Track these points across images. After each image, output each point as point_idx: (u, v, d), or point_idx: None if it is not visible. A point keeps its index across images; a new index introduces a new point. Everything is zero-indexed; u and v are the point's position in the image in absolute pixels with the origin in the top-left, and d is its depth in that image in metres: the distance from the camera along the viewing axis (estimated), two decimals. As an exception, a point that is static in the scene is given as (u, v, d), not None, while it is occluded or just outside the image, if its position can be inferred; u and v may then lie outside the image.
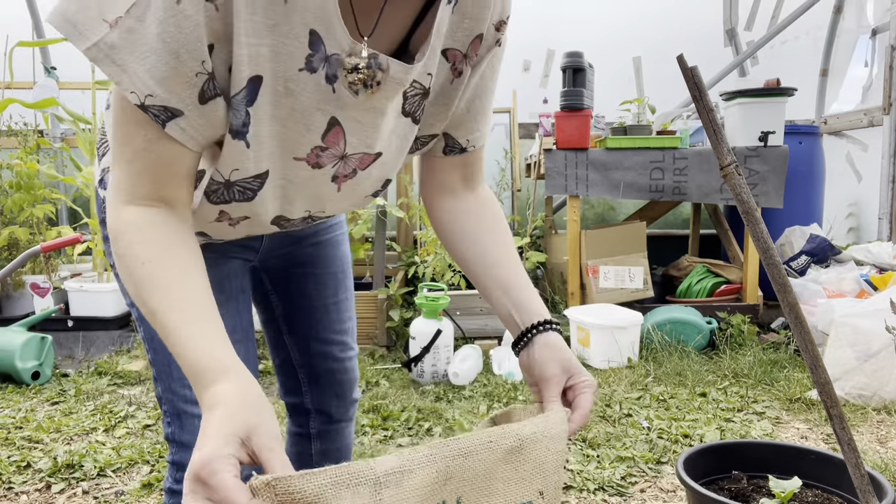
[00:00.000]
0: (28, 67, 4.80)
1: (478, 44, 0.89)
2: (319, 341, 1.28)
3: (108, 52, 0.69)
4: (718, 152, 0.98)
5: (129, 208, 0.76)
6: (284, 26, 0.73)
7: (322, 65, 0.77)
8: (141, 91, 0.70)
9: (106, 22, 0.68)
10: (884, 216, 4.30)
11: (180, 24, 0.68)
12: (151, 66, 0.69)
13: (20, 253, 3.84)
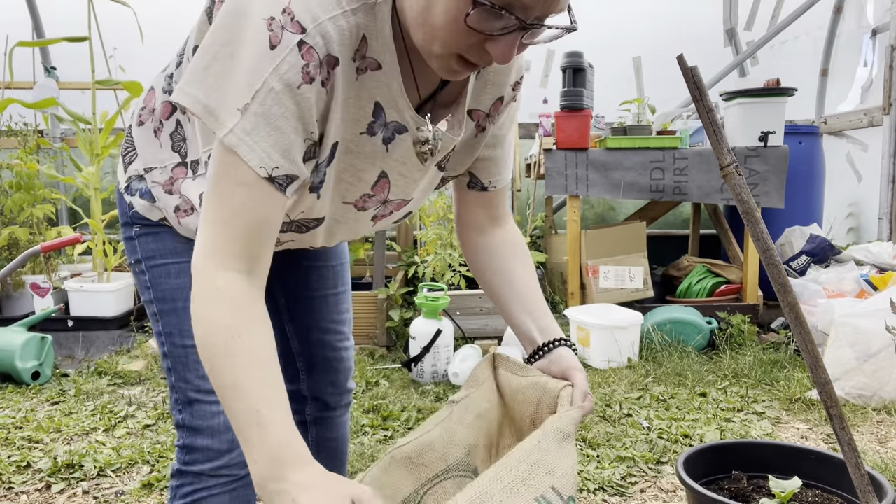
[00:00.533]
0: (28, 67, 4.80)
1: (499, 104, 1.05)
2: (319, 330, 1.36)
3: (243, 137, 0.80)
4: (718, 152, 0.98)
5: (223, 274, 0.82)
6: (354, 99, 0.88)
7: (381, 130, 0.93)
8: (268, 165, 0.81)
9: (238, 110, 0.80)
10: (884, 216, 4.30)
11: (300, 103, 0.81)
12: (276, 141, 0.81)
13: (20, 253, 3.84)
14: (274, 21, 0.79)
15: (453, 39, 0.80)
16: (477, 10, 0.76)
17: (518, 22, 0.77)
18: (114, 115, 3.73)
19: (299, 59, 0.79)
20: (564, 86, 3.55)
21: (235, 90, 0.80)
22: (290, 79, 0.79)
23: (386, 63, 0.88)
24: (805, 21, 5.01)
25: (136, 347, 3.49)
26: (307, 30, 0.79)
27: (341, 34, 0.82)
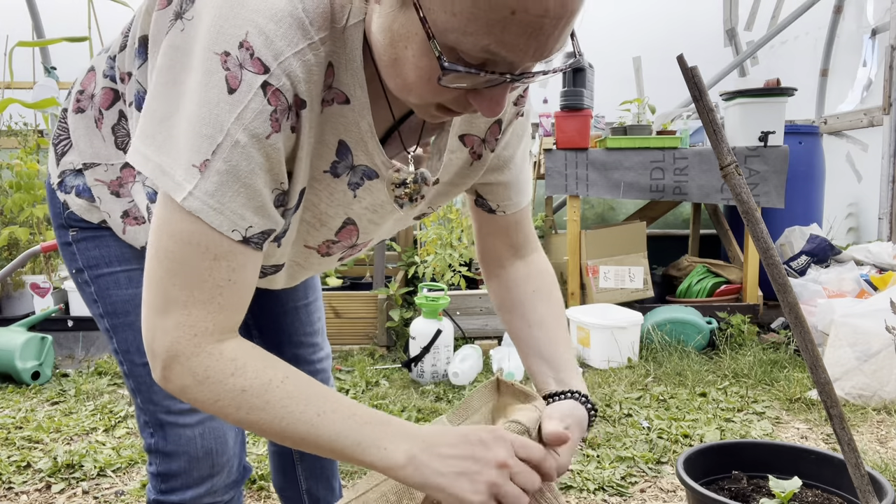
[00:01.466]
0: (28, 67, 4.80)
1: (496, 129, 0.91)
2: (292, 344, 1.27)
3: (207, 200, 0.68)
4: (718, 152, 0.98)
5: (226, 345, 0.74)
6: (319, 135, 0.77)
7: (346, 172, 0.81)
8: (241, 227, 0.71)
9: (195, 167, 0.68)
10: (884, 216, 4.30)
11: (269, 154, 0.70)
12: (246, 199, 0.70)
13: (20, 253, 3.84)
14: (229, 58, 0.66)
15: (429, 95, 0.69)
16: (449, 75, 0.64)
17: (503, 77, 0.66)
18: (114, 115, 3.73)
19: (266, 105, 0.67)
20: (564, 86, 3.55)
21: (187, 143, 0.68)
22: (256, 129, 0.67)
23: (355, 98, 0.75)
24: (805, 21, 5.01)
25: (136, 347, 3.49)
26: (271, 69, 0.66)
27: (308, 71, 0.69)
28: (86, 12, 3.77)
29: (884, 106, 4.30)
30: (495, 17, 0.59)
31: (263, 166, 0.70)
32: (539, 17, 0.60)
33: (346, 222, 0.87)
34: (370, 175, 0.82)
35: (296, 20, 0.67)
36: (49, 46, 4.87)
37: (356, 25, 0.71)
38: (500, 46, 0.61)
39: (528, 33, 0.61)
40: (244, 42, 0.66)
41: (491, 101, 0.68)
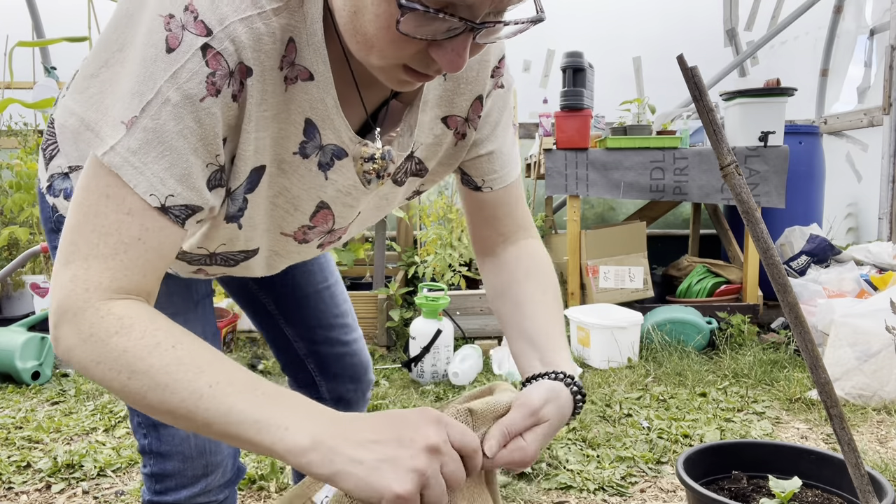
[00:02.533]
0: (28, 67, 4.80)
1: (479, 105, 0.88)
2: (322, 327, 1.25)
3: (128, 157, 0.66)
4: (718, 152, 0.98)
5: (116, 303, 0.67)
6: (283, 113, 0.74)
7: (315, 152, 0.78)
8: (161, 192, 0.67)
9: (123, 123, 0.66)
10: (884, 216, 4.30)
11: (201, 119, 0.67)
12: (170, 163, 0.67)
13: (20, 253, 3.84)
14: (173, 19, 0.65)
15: (390, 49, 0.66)
16: (407, 15, 0.61)
17: (464, 23, 0.63)
18: (114, 115, 3.73)
19: (203, 67, 0.65)
20: (564, 86, 3.55)
21: (121, 100, 0.66)
22: (190, 89, 0.65)
23: (318, 73, 0.73)
24: (805, 21, 5.01)
25: (136, 347, 3.49)
26: (213, 32, 0.66)
27: (257, 39, 0.68)
28: (86, 12, 3.77)
29: (884, 106, 4.30)
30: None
31: (195, 132, 0.67)
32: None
33: (319, 206, 0.84)
34: (339, 154, 0.80)
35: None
36: (49, 46, 4.87)
37: (315, 2, 0.70)
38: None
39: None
40: (189, 6, 0.65)
41: (452, 52, 0.65)
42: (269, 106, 0.72)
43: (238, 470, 1.12)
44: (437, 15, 0.61)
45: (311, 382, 1.30)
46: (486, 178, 0.95)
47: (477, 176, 0.94)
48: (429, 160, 0.89)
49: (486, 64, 0.86)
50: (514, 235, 0.99)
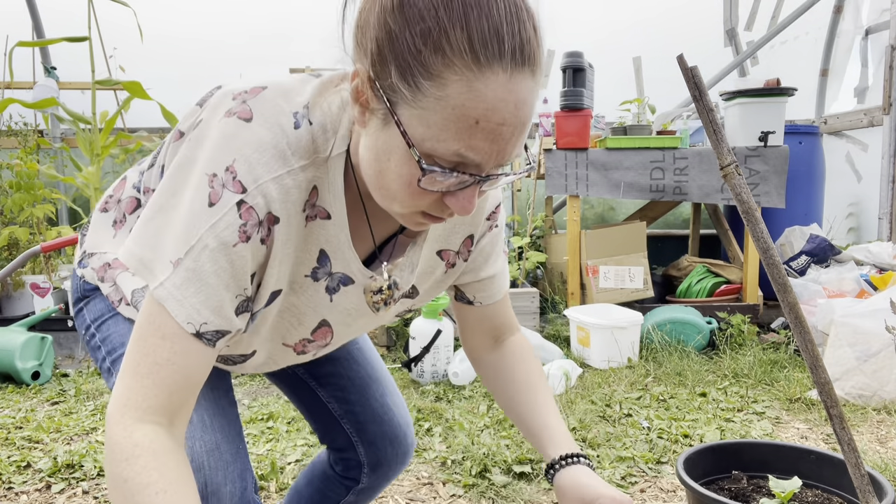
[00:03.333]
0: (28, 67, 4.80)
1: (469, 242, 1.03)
2: (356, 388, 1.27)
3: (172, 291, 0.78)
4: (718, 152, 0.98)
5: (141, 427, 0.77)
6: (301, 244, 0.87)
7: (325, 277, 0.91)
8: (196, 321, 0.79)
9: (171, 263, 0.79)
10: (884, 216, 4.30)
11: (233, 261, 0.79)
12: (206, 297, 0.79)
13: (20, 253, 3.84)
14: (216, 178, 0.78)
15: (411, 200, 0.78)
16: (428, 175, 0.74)
17: (473, 178, 0.75)
18: (114, 115, 3.73)
19: (237, 219, 0.78)
20: (564, 86, 3.55)
21: (171, 243, 0.79)
22: (225, 237, 0.78)
23: (335, 213, 0.86)
24: (805, 21, 5.01)
25: (136, 347, 3.49)
26: (248, 190, 0.78)
27: (286, 193, 0.81)
28: (86, 12, 3.77)
29: (884, 106, 4.30)
30: (463, 126, 0.71)
31: (228, 271, 0.79)
32: (499, 125, 0.71)
33: (321, 323, 0.96)
34: (346, 282, 0.93)
35: (278, 151, 0.80)
36: (49, 46, 4.87)
37: (339, 156, 0.84)
38: (469, 150, 0.72)
39: (491, 139, 0.72)
40: (230, 167, 0.78)
41: (464, 199, 0.78)
42: (291, 243, 0.85)
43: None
44: (452, 173, 0.74)
45: (348, 445, 1.29)
46: (478, 296, 1.09)
47: (469, 294, 1.09)
48: (421, 285, 1.02)
49: (482, 210, 1.01)
50: (502, 336, 1.14)
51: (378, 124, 0.76)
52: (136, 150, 3.94)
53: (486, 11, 0.69)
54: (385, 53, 0.72)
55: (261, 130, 0.80)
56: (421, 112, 0.71)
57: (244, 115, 0.81)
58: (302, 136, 0.81)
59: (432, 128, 0.71)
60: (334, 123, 0.84)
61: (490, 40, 0.69)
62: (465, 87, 0.69)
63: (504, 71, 0.70)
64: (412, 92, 0.71)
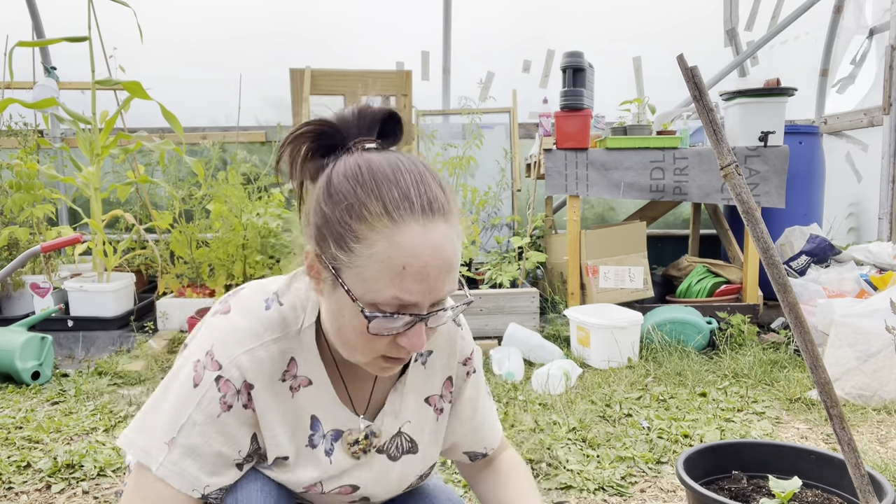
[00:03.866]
0: (28, 67, 4.80)
1: (448, 384, 1.13)
2: None
3: (172, 467, 0.91)
4: (718, 152, 0.98)
5: None
6: (292, 412, 0.99)
7: (321, 441, 1.02)
8: (198, 486, 0.92)
9: (166, 444, 0.91)
10: (884, 216, 4.30)
11: (222, 430, 0.93)
12: (202, 465, 0.92)
13: (20, 253, 3.84)
14: (199, 363, 0.93)
15: (369, 347, 0.89)
16: (374, 321, 0.85)
17: (414, 317, 0.86)
18: (114, 114, 3.73)
19: (217, 392, 0.92)
20: (564, 86, 3.55)
21: (163, 426, 0.92)
22: (210, 411, 0.92)
23: (315, 378, 0.99)
24: (805, 21, 5.01)
25: (136, 347, 3.49)
26: (223, 366, 0.92)
27: (259, 363, 0.94)
28: (86, 12, 3.77)
29: (884, 106, 4.30)
30: (393, 273, 0.83)
31: (218, 439, 0.93)
32: (422, 268, 0.83)
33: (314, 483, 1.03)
34: (337, 437, 1.03)
35: (250, 330, 0.95)
36: (49, 46, 4.87)
37: (310, 327, 0.98)
38: (403, 293, 0.83)
39: (419, 280, 0.83)
40: (209, 351, 0.94)
41: (413, 337, 0.88)
42: (279, 409, 0.97)
43: None
44: (394, 316, 0.85)
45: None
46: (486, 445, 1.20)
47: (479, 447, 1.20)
48: (418, 438, 1.11)
49: (454, 355, 1.12)
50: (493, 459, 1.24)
51: (329, 290, 0.89)
52: (136, 150, 3.94)
53: (394, 183, 0.84)
54: (324, 232, 0.86)
55: (236, 317, 0.96)
56: (358, 270, 0.84)
57: (224, 311, 0.98)
58: (272, 315, 0.96)
59: (368, 280, 0.84)
60: (303, 301, 0.98)
61: (401, 202, 0.83)
62: (387, 243, 0.82)
63: (417, 223, 0.83)
64: (348, 256, 0.84)
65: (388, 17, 5.08)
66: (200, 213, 4.17)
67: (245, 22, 5.05)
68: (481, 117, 4.42)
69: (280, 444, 0.99)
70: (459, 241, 0.89)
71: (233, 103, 4.92)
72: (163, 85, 4.04)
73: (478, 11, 5.07)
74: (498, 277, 3.74)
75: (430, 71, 5.14)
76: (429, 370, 1.11)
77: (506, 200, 4.79)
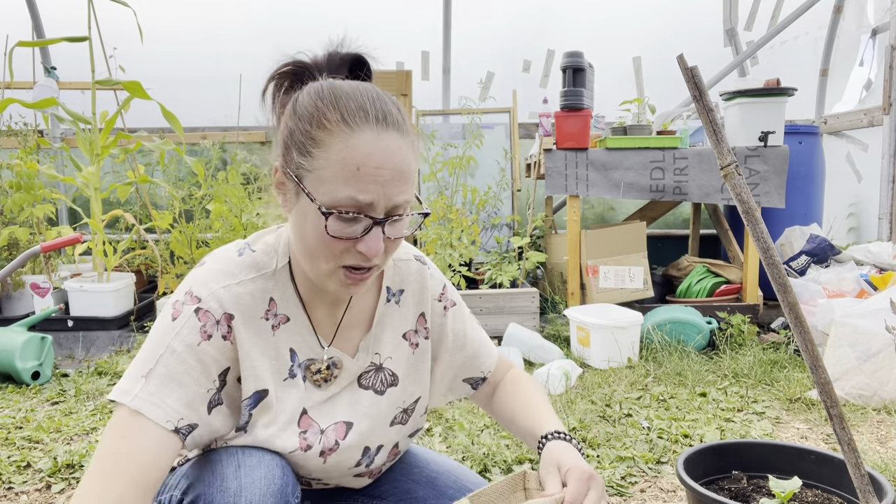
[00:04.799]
0: (28, 67, 4.80)
1: (423, 320, 1.18)
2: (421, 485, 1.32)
3: (148, 398, 0.90)
4: (718, 152, 0.98)
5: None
6: (273, 350, 1.01)
7: (299, 371, 1.05)
8: (173, 417, 0.91)
9: (143, 377, 0.92)
10: (884, 216, 4.30)
11: (201, 359, 0.94)
12: (181, 394, 0.92)
13: (20, 253, 3.84)
14: (177, 302, 0.96)
15: (328, 251, 0.92)
16: (331, 220, 0.89)
17: (372, 220, 0.91)
18: (114, 115, 3.73)
19: (196, 322, 0.94)
20: (564, 86, 3.55)
21: (141, 362, 0.93)
22: (189, 339, 0.93)
23: (292, 314, 1.04)
24: (805, 21, 5.01)
25: (136, 347, 3.49)
26: (202, 298, 0.96)
27: (236, 297, 0.98)
28: (86, 12, 3.77)
29: (884, 106, 4.30)
30: (349, 173, 0.88)
31: (197, 369, 0.94)
32: (376, 169, 0.89)
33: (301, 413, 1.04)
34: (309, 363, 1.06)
35: (226, 270, 1.00)
36: (49, 46, 4.87)
37: (283, 268, 1.03)
38: (359, 193, 0.88)
39: (373, 180, 0.89)
40: (188, 290, 0.97)
41: (371, 242, 0.92)
42: (260, 342, 1.00)
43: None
44: (352, 216, 0.89)
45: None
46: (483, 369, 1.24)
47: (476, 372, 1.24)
48: (398, 370, 1.14)
49: (426, 291, 1.17)
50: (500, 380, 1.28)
51: (293, 200, 0.94)
52: (136, 150, 3.94)
53: (352, 96, 0.91)
54: (288, 144, 0.93)
55: (211, 265, 1.01)
56: (317, 173, 0.90)
57: (200, 265, 1.02)
58: (245, 260, 1.02)
59: (326, 182, 0.89)
60: (274, 245, 1.04)
61: (357, 111, 0.90)
62: (343, 145, 0.88)
63: (371, 130, 0.89)
64: (308, 160, 0.90)
65: (389, 17, 5.08)
66: (200, 213, 4.17)
67: (245, 22, 5.06)
68: (481, 117, 4.42)
69: (259, 375, 1.00)
70: (414, 156, 0.94)
71: (233, 103, 4.92)
72: (163, 85, 4.04)
73: (478, 11, 5.07)
74: (498, 277, 3.74)
75: (430, 71, 5.14)
76: (402, 308, 1.16)
77: (506, 200, 4.79)
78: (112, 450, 0.88)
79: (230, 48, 5.00)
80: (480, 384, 1.25)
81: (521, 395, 1.21)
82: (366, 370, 1.12)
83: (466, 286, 3.75)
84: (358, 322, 1.12)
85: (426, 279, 1.18)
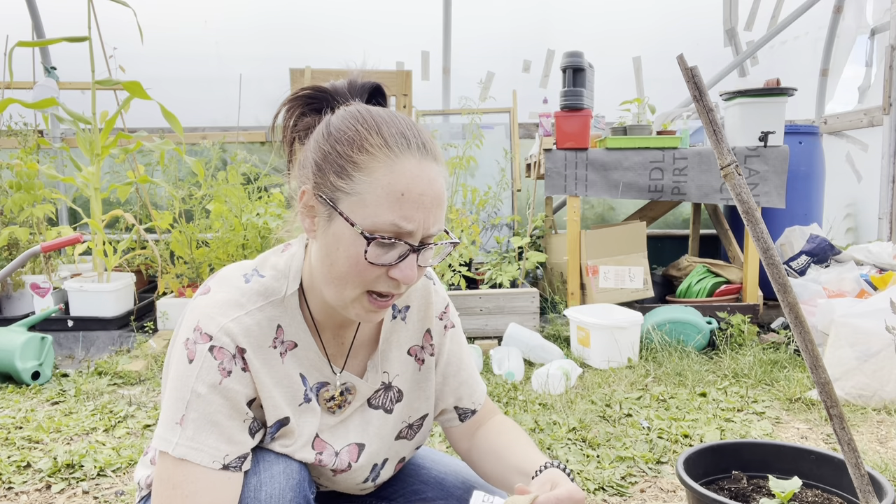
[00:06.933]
0: (28, 67, 4.80)
1: (428, 336, 1.18)
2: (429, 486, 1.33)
3: (189, 444, 0.92)
4: (718, 152, 0.98)
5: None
6: (285, 378, 1.01)
7: (312, 394, 1.05)
8: (218, 457, 0.93)
9: (177, 424, 0.93)
10: (884, 216, 4.30)
11: (226, 395, 0.94)
12: (218, 434, 0.93)
13: (20, 253, 3.84)
14: (188, 340, 0.95)
15: (361, 278, 0.92)
16: (372, 245, 0.89)
17: (409, 246, 0.91)
18: (114, 115, 3.73)
19: (213, 361, 0.93)
20: (564, 86, 3.55)
21: (171, 409, 0.94)
22: (211, 380, 0.93)
23: (301, 340, 1.03)
24: (805, 21, 5.01)
25: (136, 347, 3.49)
26: (213, 335, 0.94)
27: (246, 329, 0.96)
28: (86, 12, 3.77)
29: (884, 106, 4.30)
30: (393, 199, 0.88)
31: (226, 405, 0.94)
32: (420, 195, 0.89)
33: (315, 437, 1.05)
34: (321, 389, 1.06)
35: (233, 301, 0.98)
36: (49, 46, 4.87)
37: (293, 294, 1.01)
38: (402, 219, 0.88)
39: (416, 207, 0.89)
40: (196, 326, 0.95)
41: (406, 269, 0.92)
42: (272, 372, 0.99)
43: None
44: (391, 241, 0.89)
45: None
46: (474, 400, 1.23)
47: (468, 403, 1.22)
48: (403, 386, 1.15)
49: (431, 307, 1.17)
50: (482, 425, 1.26)
51: (324, 224, 0.93)
52: (136, 150, 3.94)
53: (392, 123, 0.91)
54: (322, 167, 0.92)
55: (217, 294, 0.99)
56: (359, 197, 0.89)
57: (205, 292, 1.00)
58: (253, 286, 1.00)
59: (369, 206, 0.88)
60: (284, 270, 1.02)
61: (399, 138, 0.90)
62: (388, 170, 0.88)
63: (413, 157, 0.90)
64: (348, 183, 0.89)
65: (388, 17, 5.08)
66: (200, 213, 4.17)
67: (245, 22, 5.06)
68: (481, 117, 4.42)
69: (278, 405, 1.00)
70: (447, 185, 0.96)
71: (233, 103, 4.92)
72: (163, 85, 4.04)
73: (478, 11, 5.07)
74: (498, 277, 3.74)
75: (430, 71, 5.14)
76: (409, 324, 1.16)
77: (506, 200, 4.79)
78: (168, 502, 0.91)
79: (230, 48, 5.00)
80: (469, 416, 1.23)
81: (509, 432, 1.20)
82: (376, 389, 1.12)
83: (466, 286, 3.74)
84: (364, 341, 1.12)
85: (431, 295, 1.18)
